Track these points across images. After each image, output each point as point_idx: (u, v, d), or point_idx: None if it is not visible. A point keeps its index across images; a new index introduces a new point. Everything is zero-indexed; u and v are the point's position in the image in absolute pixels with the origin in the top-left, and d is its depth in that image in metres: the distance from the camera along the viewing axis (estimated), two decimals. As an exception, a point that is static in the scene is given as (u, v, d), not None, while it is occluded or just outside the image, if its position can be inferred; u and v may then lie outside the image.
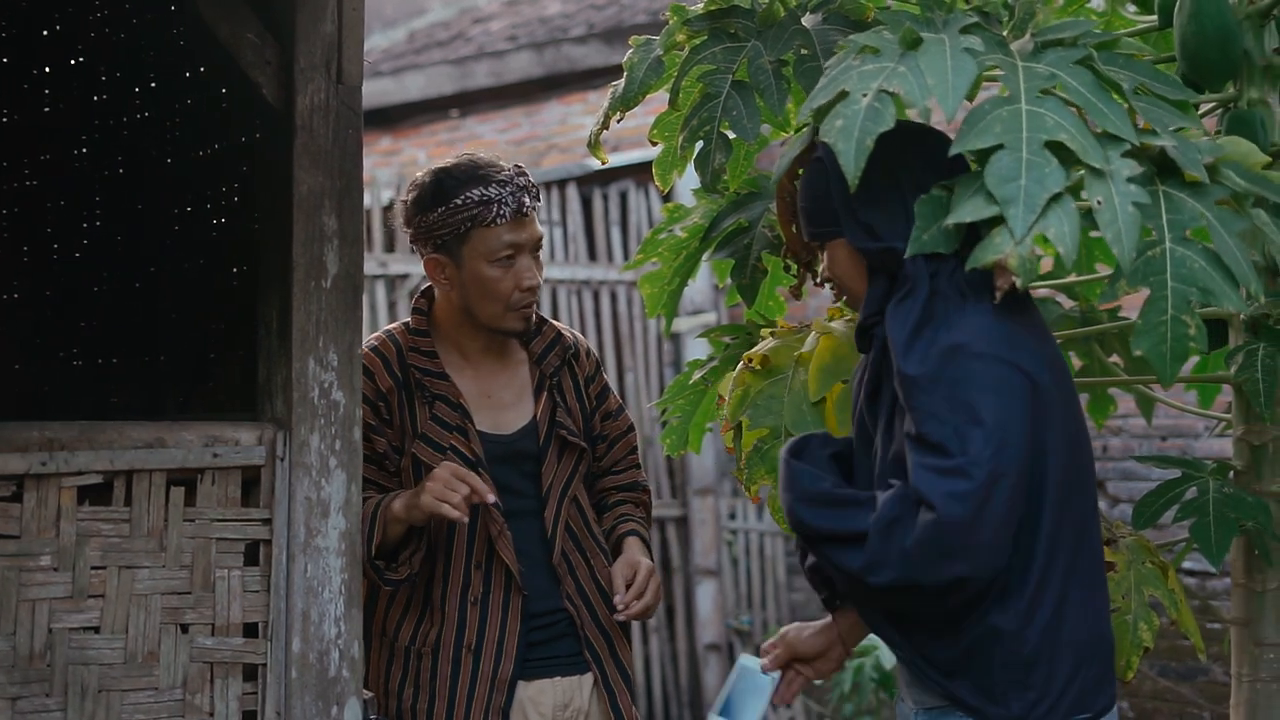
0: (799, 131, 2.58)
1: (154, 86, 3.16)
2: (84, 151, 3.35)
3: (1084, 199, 2.22)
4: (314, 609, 2.62)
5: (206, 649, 2.56)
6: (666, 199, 4.86)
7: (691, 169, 2.83)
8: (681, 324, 7.52)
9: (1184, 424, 6.26)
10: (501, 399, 3.10)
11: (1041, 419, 2.32)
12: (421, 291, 3.16)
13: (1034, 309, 2.47)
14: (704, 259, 3.20)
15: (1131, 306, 2.43)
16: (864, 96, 2.27)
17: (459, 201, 2.97)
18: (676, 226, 3.21)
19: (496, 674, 2.98)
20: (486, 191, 2.97)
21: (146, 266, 3.21)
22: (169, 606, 2.53)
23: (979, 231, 2.26)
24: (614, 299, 7.68)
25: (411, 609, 3.03)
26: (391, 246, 7.18)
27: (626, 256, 7.70)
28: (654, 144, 3.05)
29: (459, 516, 2.85)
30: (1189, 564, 6.10)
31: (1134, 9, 3.12)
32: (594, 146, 2.99)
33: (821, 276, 2.60)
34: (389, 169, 8.68)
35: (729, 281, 3.16)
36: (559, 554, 3.06)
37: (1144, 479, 6.28)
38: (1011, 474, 2.26)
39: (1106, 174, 2.23)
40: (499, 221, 2.97)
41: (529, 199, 3.00)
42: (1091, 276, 3.25)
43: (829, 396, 2.83)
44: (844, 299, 2.59)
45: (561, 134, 8.75)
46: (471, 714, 2.96)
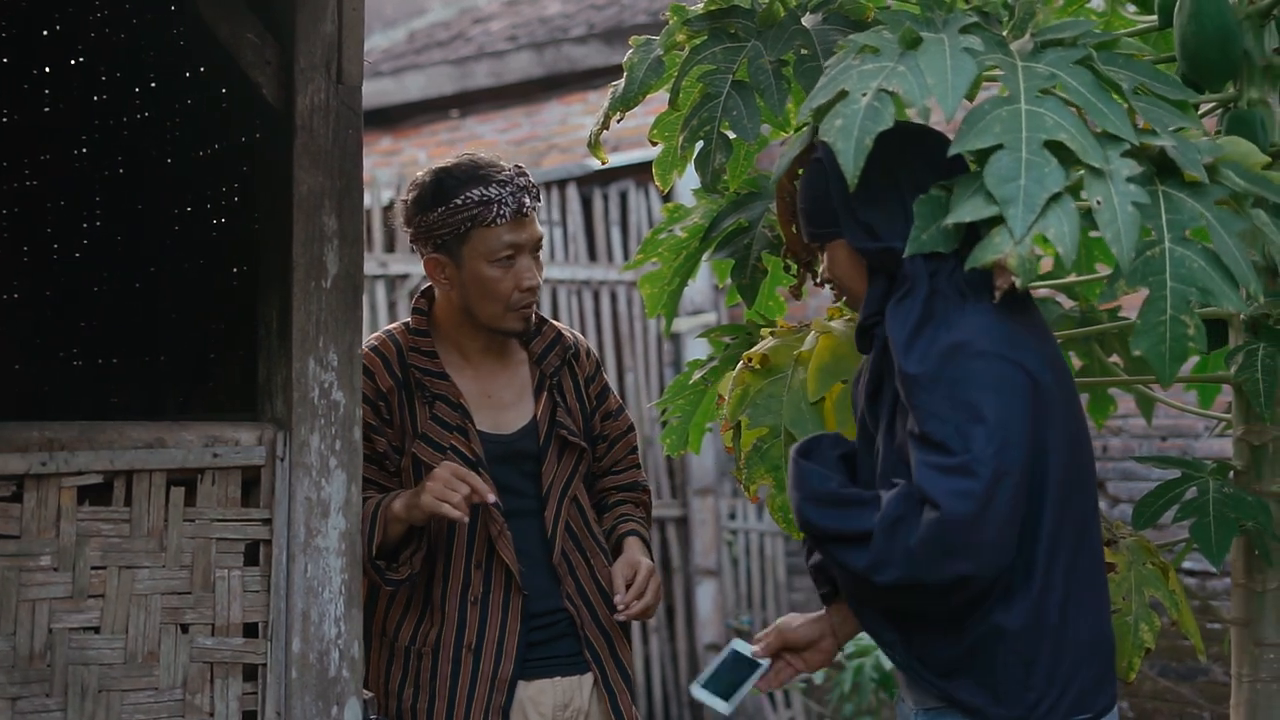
0: (799, 131, 2.58)
1: (154, 86, 3.16)
2: (84, 151, 3.35)
3: (1083, 199, 2.22)
4: (314, 609, 2.62)
5: (206, 649, 2.56)
6: (666, 199, 4.86)
7: (691, 169, 2.83)
8: (681, 324, 7.51)
9: (1184, 424, 6.26)
10: (502, 399, 3.10)
11: (1043, 417, 2.32)
12: (421, 291, 3.16)
13: (1034, 308, 2.47)
14: (704, 259, 3.19)
15: (1131, 306, 2.43)
16: (863, 96, 2.27)
17: (459, 201, 2.97)
18: (676, 226, 3.21)
19: (496, 674, 2.98)
20: (487, 192, 2.97)
21: (146, 266, 3.21)
22: (169, 606, 2.53)
23: (978, 231, 2.26)
24: (614, 299, 7.67)
25: (411, 609, 3.03)
26: (391, 246, 7.17)
27: (626, 256, 7.70)
28: (654, 144, 3.05)
29: (459, 516, 2.85)
30: (1189, 564, 6.10)
31: (1134, 9, 3.12)
32: (594, 146, 2.99)
33: (821, 277, 2.60)
34: (389, 169, 8.68)
35: (729, 281, 3.16)
36: (559, 554, 3.06)
37: (1144, 479, 6.28)
38: (1015, 471, 2.26)
39: (1106, 174, 2.23)
40: (499, 222, 2.97)
41: (529, 199, 3.00)
42: (1091, 276, 3.25)
43: (828, 396, 2.83)
44: (844, 299, 2.59)
45: (561, 134, 8.75)
46: (471, 714, 2.96)
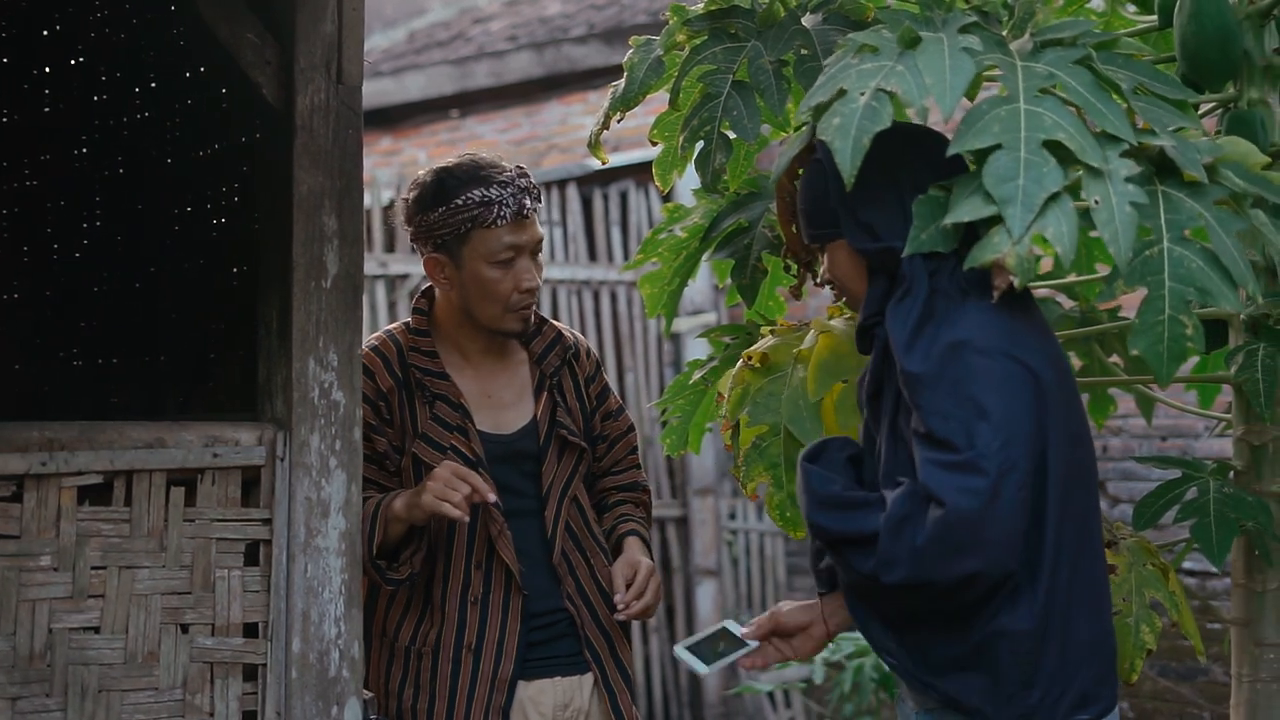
0: (798, 131, 2.59)
1: (154, 86, 3.16)
2: (84, 151, 3.35)
3: (1082, 198, 2.22)
4: (314, 609, 2.62)
5: (206, 649, 2.56)
6: (666, 199, 4.85)
7: (691, 169, 2.83)
8: (681, 324, 7.51)
9: (1184, 424, 6.26)
10: (502, 399, 3.10)
11: (1044, 414, 2.32)
12: (422, 291, 3.16)
13: (1035, 307, 2.47)
14: (704, 259, 3.19)
15: (1131, 306, 2.43)
16: (862, 95, 2.27)
17: (460, 202, 2.97)
18: (676, 226, 3.21)
19: (496, 674, 2.98)
20: (488, 192, 2.97)
21: (146, 266, 3.21)
22: (169, 606, 2.53)
23: (978, 231, 2.26)
24: (614, 299, 7.67)
25: (411, 609, 3.03)
26: (391, 246, 7.17)
27: (626, 256, 7.70)
28: (654, 144, 3.05)
29: (460, 516, 2.85)
30: (1189, 564, 6.10)
31: (1134, 9, 3.12)
32: (594, 146, 2.99)
33: (821, 278, 2.60)
34: (389, 169, 8.68)
35: (729, 281, 3.16)
36: (559, 554, 3.06)
37: (1144, 479, 6.28)
38: (1020, 467, 2.26)
39: (1105, 173, 2.23)
40: (499, 223, 2.97)
41: (530, 200, 3.00)
42: (1091, 276, 3.25)
43: (828, 395, 2.83)
44: (844, 300, 2.59)
45: (561, 134, 8.75)
46: (471, 714, 2.96)
